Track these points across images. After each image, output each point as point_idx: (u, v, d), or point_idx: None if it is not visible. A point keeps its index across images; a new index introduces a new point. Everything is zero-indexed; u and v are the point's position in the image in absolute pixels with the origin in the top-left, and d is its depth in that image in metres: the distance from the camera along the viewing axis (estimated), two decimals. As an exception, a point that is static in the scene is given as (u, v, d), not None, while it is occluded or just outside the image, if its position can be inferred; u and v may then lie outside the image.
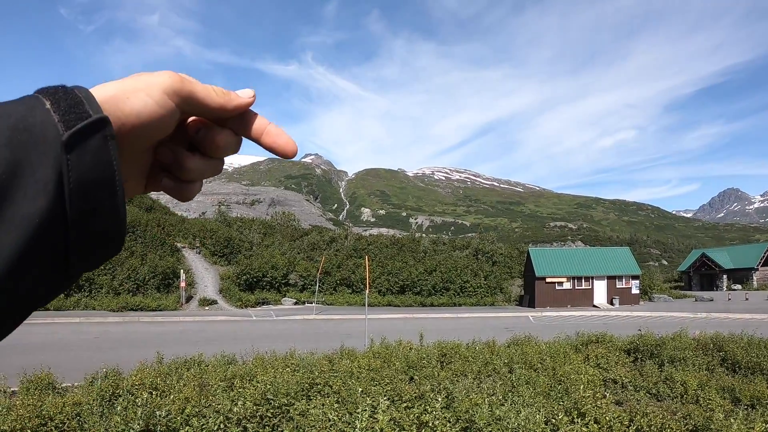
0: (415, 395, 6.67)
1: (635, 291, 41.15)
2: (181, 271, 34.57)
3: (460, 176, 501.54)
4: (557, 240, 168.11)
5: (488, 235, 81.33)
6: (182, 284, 33.00)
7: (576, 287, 40.83)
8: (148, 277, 33.73)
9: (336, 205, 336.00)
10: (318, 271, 35.21)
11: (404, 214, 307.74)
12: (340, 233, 62.36)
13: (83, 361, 11.85)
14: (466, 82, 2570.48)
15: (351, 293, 41.33)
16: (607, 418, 5.86)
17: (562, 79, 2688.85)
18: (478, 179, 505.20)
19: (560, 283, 40.58)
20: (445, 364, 9.76)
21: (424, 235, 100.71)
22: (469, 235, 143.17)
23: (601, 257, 43.28)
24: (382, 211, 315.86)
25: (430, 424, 5.36)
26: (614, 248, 47.42)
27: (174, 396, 6.20)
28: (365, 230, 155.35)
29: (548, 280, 40.32)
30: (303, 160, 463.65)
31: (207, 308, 32.57)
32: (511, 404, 6.20)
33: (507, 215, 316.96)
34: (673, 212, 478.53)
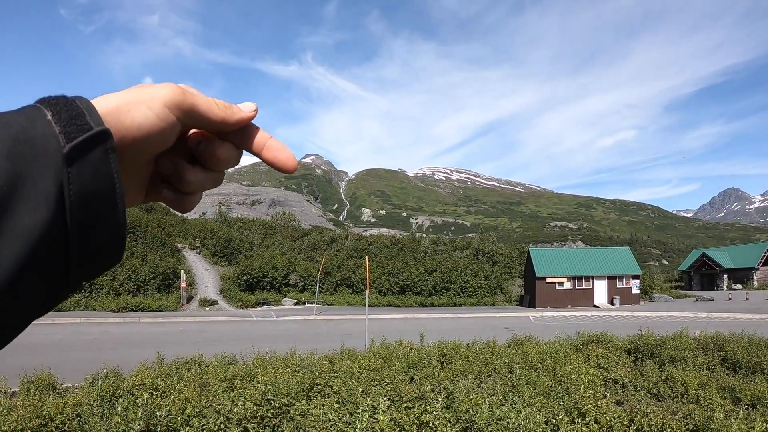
0: (416, 395, 6.67)
1: (636, 291, 41.15)
2: (182, 271, 34.59)
3: (460, 176, 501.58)
4: (557, 240, 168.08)
5: (488, 235, 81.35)
6: (183, 285, 33.01)
7: (576, 287, 40.82)
8: (149, 278, 33.76)
9: (336, 205, 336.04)
10: (318, 271, 35.22)
11: (404, 214, 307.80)
12: (341, 233, 62.38)
13: (84, 361, 11.86)
14: (466, 82, 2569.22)
15: (351, 293, 41.35)
16: (607, 418, 5.86)
17: (562, 79, 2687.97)
18: (478, 179, 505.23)
19: (561, 283, 40.58)
20: (445, 364, 9.77)
21: (424, 235, 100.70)
22: (470, 235, 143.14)
23: (601, 257, 43.27)
24: (382, 212, 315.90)
25: (430, 425, 5.36)
26: (615, 248, 47.43)
27: (174, 396, 6.21)
28: (365, 230, 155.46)
29: (549, 280, 40.32)
30: (303, 160, 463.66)
31: (207, 309, 32.59)
32: (512, 404, 6.20)
33: (507, 215, 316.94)
34: (674, 212, 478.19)
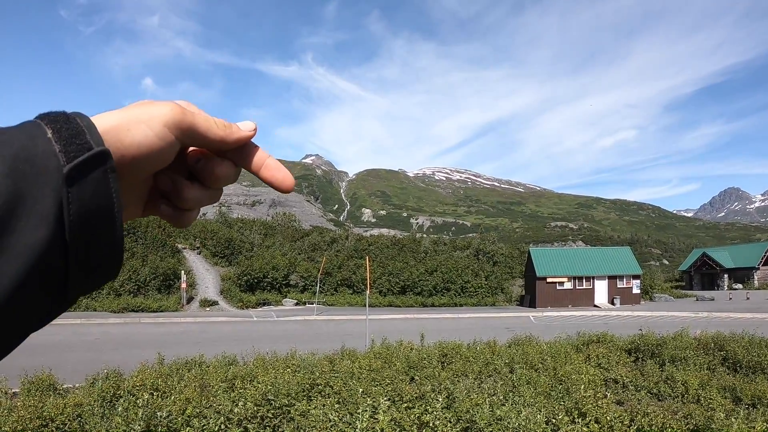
0: (416, 395, 6.67)
1: (636, 291, 41.14)
2: (182, 272, 34.59)
3: (460, 176, 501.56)
4: (558, 240, 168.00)
5: (489, 235, 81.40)
6: (183, 285, 33.02)
7: (577, 287, 40.81)
8: (149, 279, 33.77)
9: (337, 205, 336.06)
10: (319, 271, 35.21)
11: (405, 214, 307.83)
12: (341, 234, 62.43)
13: (84, 362, 11.86)
14: (466, 82, 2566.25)
15: (352, 294, 41.34)
16: (607, 417, 5.86)
17: (562, 79, 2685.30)
18: (478, 179, 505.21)
19: (561, 283, 40.57)
20: (446, 364, 9.76)
21: (424, 235, 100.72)
22: (470, 235, 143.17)
23: (602, 257, 43.26)
24: (382, 212, 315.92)
25: (430, 425, 5.36)
26: (615, 248, 47.42)
27: (175, 397, 6.21)
28: (366, 231, 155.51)
29: (549, 280, 40.31)
30: (303, 160, 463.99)
31: (208, 309, 32.59)
32: (512, 404, 6.20)
33: (508, 215, 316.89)
34: (674, 212, 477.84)
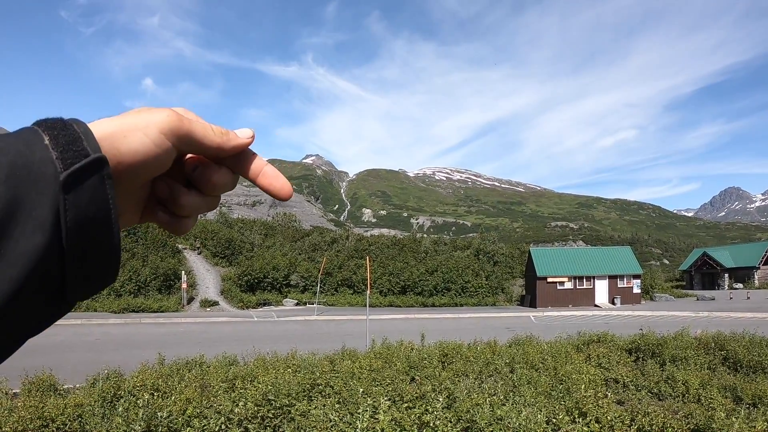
0: (417, 395, 6.67)
1: (637, 290, 41.12)
2: (183, 272, 34.61)
3: (461, 176, 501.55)
4: (558, 240, 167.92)
5: (489, 235, 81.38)
6: (183, 285, 33.04)
7: (577, 287, 40.79)
8: (150, 279, 33.79)
9: (337, 205, 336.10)
10: (319, 271, 35.21)
11: (405, 214, 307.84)
12: (341, 234, 62.43)
13: (85, 362, 11.87)
14: (466, 82, 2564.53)
15: (352, 294, 41.35)
16: (608, 417, 5.85)
17: (562, 79, 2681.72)
18: (479, 179, 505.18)
19: (561, 283, 40.54)
20: (446, 364, 9.76)
21: (425, 235, 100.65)
22: (471, 235, 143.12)
23: (602, 257, 43.23)
24: (383, 212, 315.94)
25: (431, 424, 5.36)
26: (616, 248, 47.41)
27: (175, 397, 6.21)
28: (366, 231, 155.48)
29: (549, 279, 40.28)
30: (304, 161, 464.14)
31: (208, 309, 32.60)
32: (513, 404, 6.19)
33: (508, 215, 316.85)
34: (675, 211, 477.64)
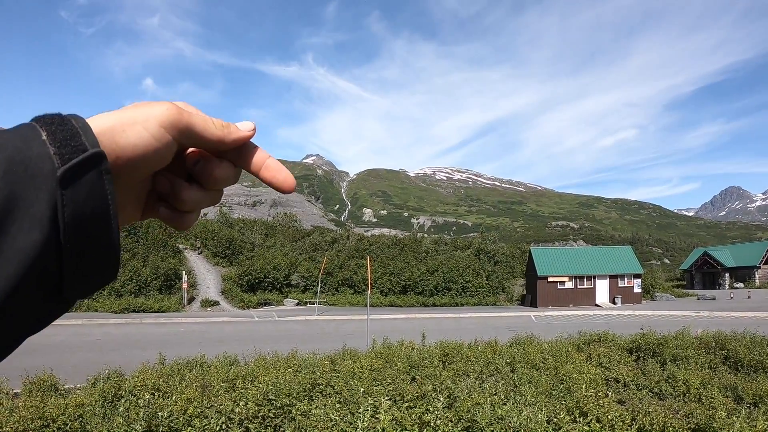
0: (417, 395, 6.67)
1: (637, 290, 41.11)
2: (183, 272, 34.61)
3: (461, 176, 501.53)
4: (559, 239, 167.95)
5: (490, 234, 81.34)
6: (184, 285, 33.05)
7: (578, 286, 40.78)
8: (150, 279, 33.79)
9: (337, 205, 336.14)
10: (320, 271, 35.22)
11: (406, 214, 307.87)
12: (342, 234, 62.43)
13: (85, 362, 11.87)
14: (466, 82, 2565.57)
15: (353, 294, 41.35)
16: (609, 417, 5.85)
17: (563, 79, 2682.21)
18: (479, 179, 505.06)
19: (562, 283, 40.53)
20: (447, 364, 9.75)
21: (425, 235, 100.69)
22: (471, 235, 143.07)
23: (603, 256, 43.22)
24: (383, 212, 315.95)
25: (432, 424, 5.36)
26: (616, 247, 47.38)
27: (176, 397, 6.21)
28: (367, 231, 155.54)
29: (550, 279, 40.28)
30: (304, 160, 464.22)
31: (209, 309, 32.61)
32: (513, 404, 6.19)
33: (509, 215, 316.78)
34: (675, 211, 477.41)
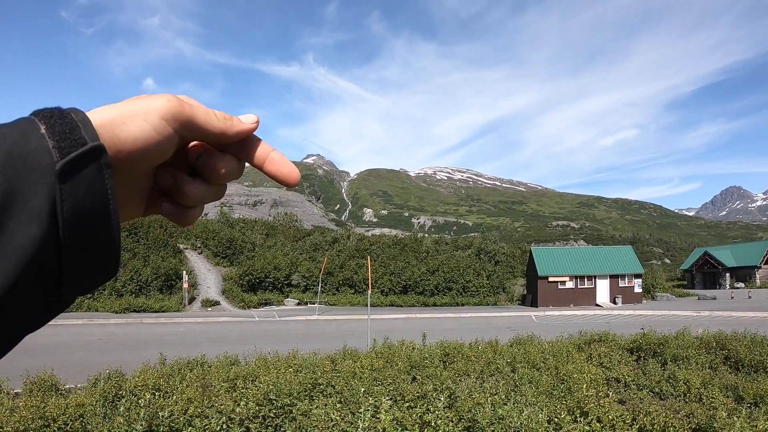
0: (418, 395, 6.67)
1: (638, 290, 41.09)
2: (184, 272, 34.63)
3: (462, 176, 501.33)
4: (560, 239, 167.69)
5: (491, 234, 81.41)
6: (185, 285, 33.07)
7: (579, 286, 40.76)
8: (151, 279, 33.81)
9: (338, 205, 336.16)
10: (320, 271, 35.22)
11: (406, 214, 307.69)
12: (343, 234, 62.44)
13: (86, 362, 11.88)
14: (466, 82, 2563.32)
15: (354, 293, 41.36)
16: (609, 416, 5.85)
17: (563, 78, 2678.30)
18: (480, 179, 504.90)
19: (563, 283, 40.52)
20: (447, 363, 9.75)
21: (426, 235, 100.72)
22: (472, 234, 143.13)
23: (603, 256, 43.20)
24: (384, 212, 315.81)
25: (432, 424, 5.36)
26: (617, 247, 47.37)
27: (177, 397, 6.22)
28: (367, 230, 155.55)
29: (551, 279, 40.26)
30: (305, 160, 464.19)
31: (210, 309, 32.62)
32: (514, 403, 6.19)
33: (509, 215, 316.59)
34: (676, 211, 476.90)
